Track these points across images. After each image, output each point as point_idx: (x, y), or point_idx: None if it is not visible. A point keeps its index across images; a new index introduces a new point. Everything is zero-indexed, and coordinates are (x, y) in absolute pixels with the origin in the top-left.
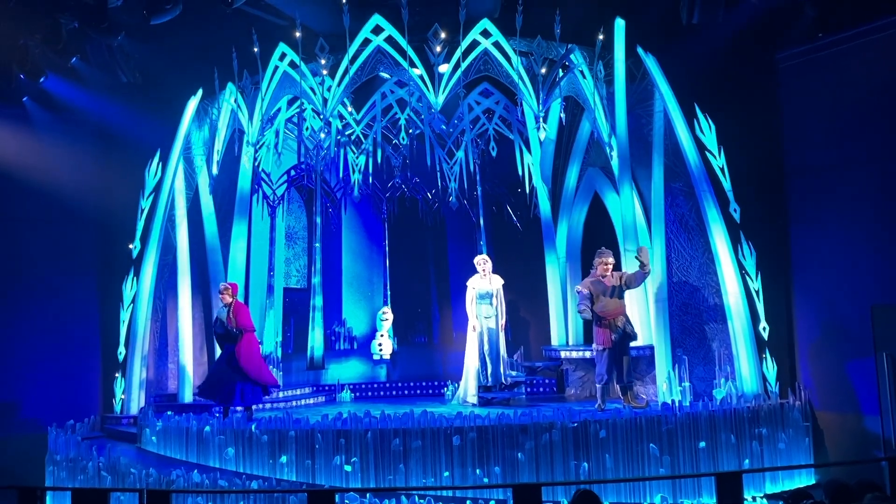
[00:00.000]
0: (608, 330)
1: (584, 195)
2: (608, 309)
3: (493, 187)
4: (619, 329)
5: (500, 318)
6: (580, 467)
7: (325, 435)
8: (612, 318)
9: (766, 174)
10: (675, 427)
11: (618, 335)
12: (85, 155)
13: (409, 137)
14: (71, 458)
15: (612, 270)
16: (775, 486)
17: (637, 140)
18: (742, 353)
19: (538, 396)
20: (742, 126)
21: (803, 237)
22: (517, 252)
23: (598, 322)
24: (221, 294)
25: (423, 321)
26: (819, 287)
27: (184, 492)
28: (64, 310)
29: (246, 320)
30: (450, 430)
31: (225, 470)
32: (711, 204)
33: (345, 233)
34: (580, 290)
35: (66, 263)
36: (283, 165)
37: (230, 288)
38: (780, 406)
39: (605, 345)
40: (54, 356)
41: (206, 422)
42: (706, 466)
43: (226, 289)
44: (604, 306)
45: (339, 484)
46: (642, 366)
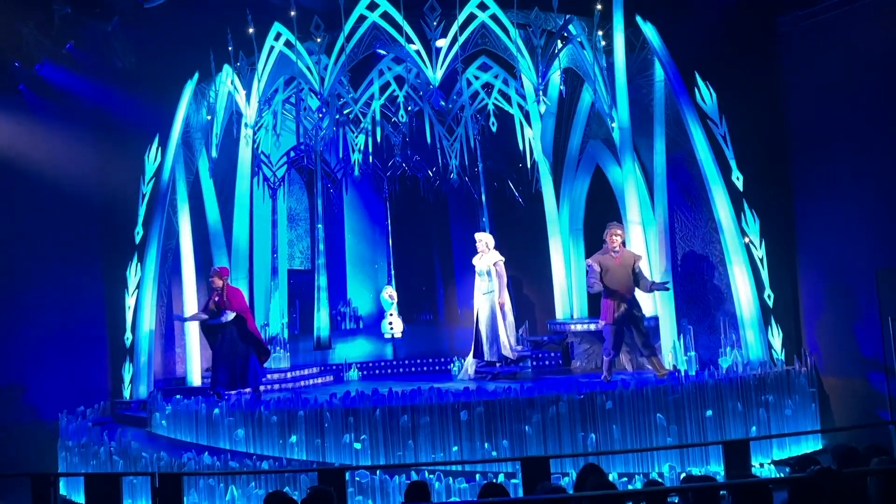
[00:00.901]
0: (613, 306)
1: (586, 168)
2: (616, 285)
3: (495, 163)
4: (624, 306)
5: (496, 294)
6: (587, 438)
7: (334, 413)
8: (620, 294)
9: (768, 141)
10: (681, 397)
11: (622, 312)
12: (84, 141)
13: (408, 115)
14: (82, 443)
15: (622, 245)
16: (782, 452)
17: (638, 110)
18: (747, 321)
19: (544, 370)
20: (744, 93)
21: (807, 203)
22: (520, 227)
23: (605, 295)
24: (212, 278)
25: (428, 299)
26: (823, 253)
27: (195, 474)
28: (69, 297)
29: (241, 303)
30: (457, 406)
31: (236, 451)
32: (714, 173)
33: (347, 213)
34: (590, 263)
35: (69, 251)
36: (283, 147)
37: (220, 271)
38: (786, 373)
39: (608, 320)
40: (62, 343)
41: (216, 404)
42: (713, 435)
43: (216, 273)
44: (612, 281)
45: (349, 461)
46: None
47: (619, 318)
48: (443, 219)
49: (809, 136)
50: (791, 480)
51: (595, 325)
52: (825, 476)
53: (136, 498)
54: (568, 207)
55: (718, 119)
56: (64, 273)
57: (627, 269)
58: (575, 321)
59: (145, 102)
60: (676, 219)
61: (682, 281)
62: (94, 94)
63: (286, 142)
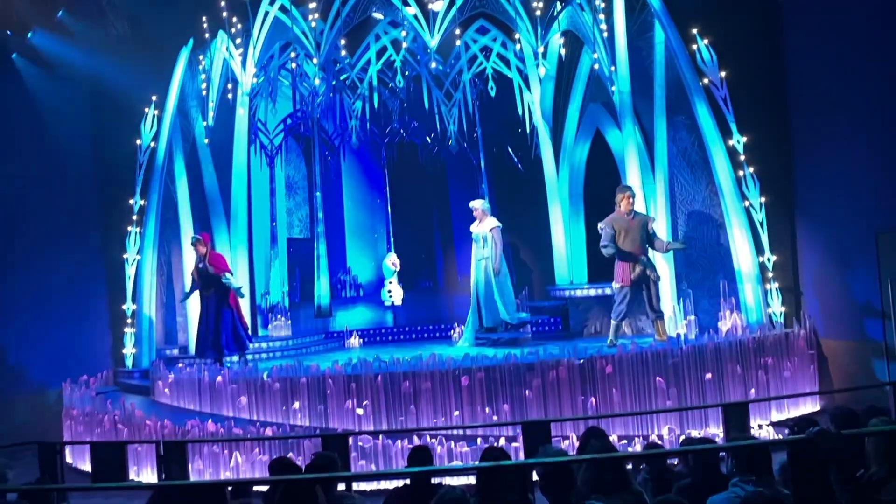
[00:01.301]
0: (629, 268)
1: (586, 132)
2: (631, 246)
3: (494, 128)
4: (639, 268)
5: (492, 261)
6: (587, 402)
7: (336, 380)
8: (635, 256)
9: (769, 103)
10: (680, 360)
11: (637, 274)
12: (79, 110)
13: (406, 80)
14: (87, 412)
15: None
16: (781, 413)
17: (638, 74)
18: (746, 284)
19: (544, 335)
20: (744, 55)
21: (807, 166)
22: (519, 193)
23: (620, 257)
24: (195, 246)
25: (428, 266)
26: (823, 216)
27: (200, 441)
28: (69, 267)
29: (224, 267)
30: (458, 371)
31: (239, 418)
32: (714, 136)
33: (345, 181)
34: (602, 226)
35: (67, 221)
36: (279, 114)
37: (202, 238)
38: (785, 335)
39: (623, 282)
40: (63, 313)
41: (218, 372)
42: (713, 397)
43: (198, 240)
44: (626, 243)
45: (351, 427)
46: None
47: (636, 280)
48: (442, 185)
49: (810, 99)
50: (790, 442)
51: (594, 290)
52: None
53: (142, 465)
54: (568, 172)
55: (719, 82)
56: (63, 243)
57: (641, 230)
58: (574, 286)
59: (140, 70)
60: (676, 182)
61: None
62: (87, 63)
63: (283, 109)
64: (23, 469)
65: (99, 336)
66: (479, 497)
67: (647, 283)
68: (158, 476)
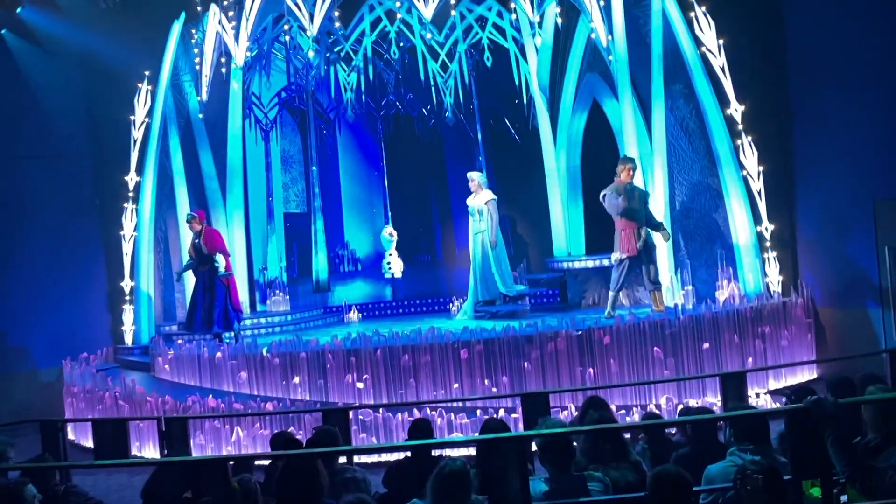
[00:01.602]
0: (633, 238)
1: (583, 102)
2: (634, 217)
3: (490, 100)
4: (643, 238)
5: (488, 234)
6: (585, 373)
7: (336, 355)
8: (638, 226)
9: (767, 71)
10: (678, 330)
11: (641, 244)
12: (72, 87)
13: (401, 51)
14: (87, 389)
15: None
16: (778, 382)
17: (635, 43)
18: (744, 254)
19: (542, 307)
20: (742, 22)
21: (806, 134)
22: (517, 165)
23: (624, 227)
24: (189, 223)
25: (426, 239)
26: (822, 184)
27: (202, 417)
28: (67, 245)
29: (220, 243)
30: (457, 344)
31: (239, 393)
32: (712, 105)
33: (341, 154)
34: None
35: (63, 199)
36: (274, 87)
37: (197, 216)
38: (783, 304)
39: (629, 252)
40: (62, 291)
41: (217, 348)
42: (710, 366)
43: (193, 217)
44: (630, 214)
45: (351, 401)
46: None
47: (640, 250)
48: (438, 158)
49: (809, 66)
50: (787, 411)
51: (592, 262)
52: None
53: (144, 441)
54: (565, 143)
55: (717, 49)
56: (60, 221)
57: (641, 204)
58: (572, 258)
59: (132, 45)
60: (674, 152)
61: (679, 216)
62: (78, 38)
63: (277, 82)
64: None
65: (98, 313)
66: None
67: (649, 255)
68: (160, 452)
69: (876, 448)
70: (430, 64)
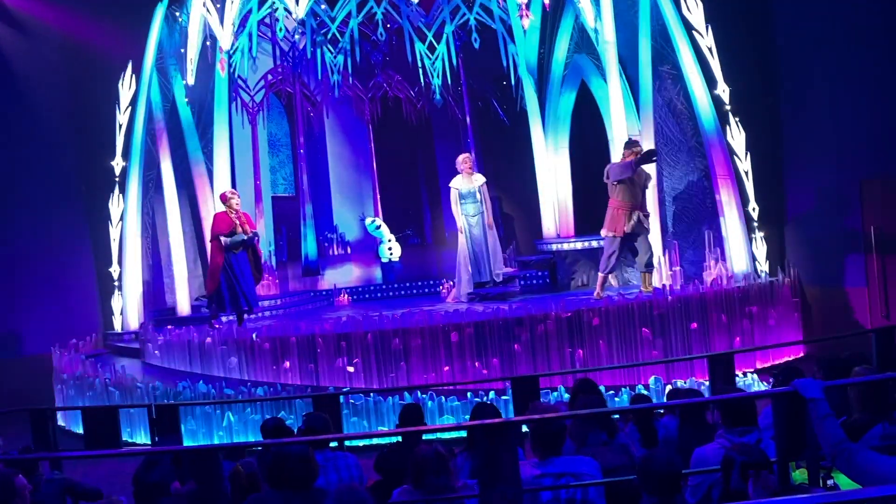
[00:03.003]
0: (624, 218)
1: (571, 83)
2: (631, 198)
3: (478, 82)
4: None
5: (485, 215)
6: (575, 354)
7: (326, 339)
8: (629, 211)
9: (755, 51)
10: (666, 311)
11: (632, 225)
12: (54, 72)
13: (387, 32)
14: (77, 375)
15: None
16: (765, 360)
17: (623, 23)
18: (732, 234)
19: (532, 289)
20: (730, 2)
21: (794, 114)
22: (505, 147)
23: (617, 206)
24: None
25: (415, 222)
26: (809, 164)
27: (192, 404)
28: (53, 232)
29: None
30: (447, 328)
31: (230, 378)
32: (700, 85)
33: (329, 138)
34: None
35: (49, 185)
36: (260, 70)
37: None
38: (770, 284)
39: (617, 232)
40: (50, 278)
41: (207, 333)
42: (698, 346)
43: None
44: (626, 197)
45: (342, 384)
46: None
47: (628, 231)
48: (427, 140)
49: (797, 46)
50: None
51: (581, 243)
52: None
53: (135, 427)
54: (553, 124)
55: (704, 30)
56: (46, 207)
57: (642, 186)
58: (561, 240)
59: (115, 28)
60: (661, 133)
61: (666, 197)
62: (60, 20)
63: (263, 65)
64: (15, 435)
65: (86, 299)
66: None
67: (640, 234)
68: (151, 439)
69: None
70: (417, 45)
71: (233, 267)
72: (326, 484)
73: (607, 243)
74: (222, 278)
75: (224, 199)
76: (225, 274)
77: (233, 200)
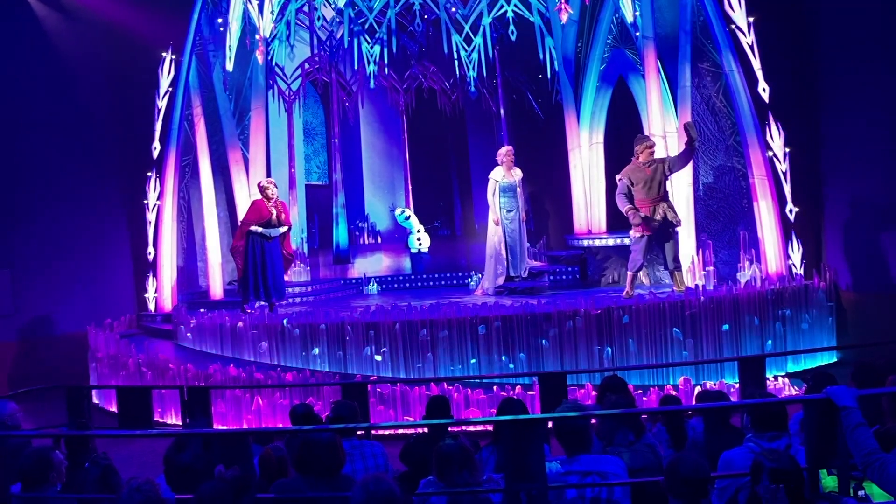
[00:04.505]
0: (650, 214)
1: (608, 79)
2: (650, 196)
3: (514, 74)
4: (659, 217)
5: (521, 209)
6: (604, 352)
7: (355, 327)
8: (653, 206)
9: (797, 49)
10: (698, 311)
11: (659, 222)
12: (97, 56)
13: (424, 23)
14: (111, 354)
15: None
16: (797, 365)
17: (663, 19)
18: (768, 235)
19: (561, 284)
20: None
21: (834, 114)
22: (539, 141)
23: (641, 203)
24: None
25: (446, 214)
26: (849, 166)
27: (223, 388)
28: (91, 213)
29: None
30: (475, 320)
31: (260, 363)
32: (739, 84)
33: (363, 127)
34: (621, 178)
35: (87, 168)
36: (297, 59)
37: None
38: (805, 287)
39: (644, 231)
40: (87, 258)
41: (239, 318)
42: (729, 348)
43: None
44: (649, 192)
45: (369, 373)
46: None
47: (658, 226)
48: (460, 132)
49: (839, 45)
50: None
51: (613, 240)
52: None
53: (167, 407)
54: (589, 120)
55: (746, 27)
56: (85, 189)
57: (660, 175)
58: (593, 236)
59: (158, 14)
60: (699, 131)
61: (702, 196)
62: (104, 6)
63: (301, 54)
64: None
65: (121, 280)
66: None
67: (668, 231)
68: (182, 420)
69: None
70: (453, 37)
71: (263, 255)
72: (353, 471)
73: (634, 241)
74: (250, 266)
75: (261, 188)
76: (253, 261)
77: (269, 190)
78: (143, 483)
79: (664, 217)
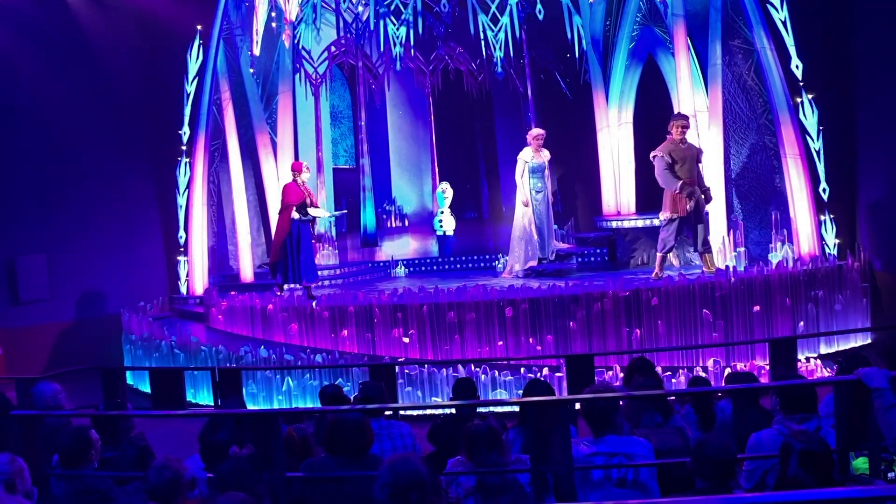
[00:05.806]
0: (684, 198)
1: (638, 57)
2: (686, 175)
3: (541, 54)
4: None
5: (549, 191)
6: (632, 334)
7: (383, 310)
8: (690, 186)
9: (831, 24)
10: (728, 293)
11: (692, 204)
12: (126, 42)
13: (450, 4)
14: (145, 336)
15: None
16: (829, 346)
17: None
18: (801, 215)
19: (589, 266)
20: None
21: (870, 93)
22: (566, 121)
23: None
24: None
25: (473, 196)
26: (884, 145)
27: (253, 369)
28: (123, 197)
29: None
30: (502, 303)
31: (290, 345)
32: (771, 61)
33: (389, 110)
34: (658, 155)
35: (119, 153)
36: (323, 42)
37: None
38: (838, 268)
39: (679, 213)
40: (119, 242)
41: (269, 300)
42: (760, 329)
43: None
44: (682, 172)
45: (397, 354)
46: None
47: (689, 211)
48: (487, 114)
49: (875, 20)
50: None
51: (642, 221)
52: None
53: (198, 388)
54: (617, 99)
55: (779, 2)
56: (117, 172)
57: (694, 161)
58: (621, 217)
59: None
60: (730, 110)
61: (733, 176)
62: None
63: (327, 37)
64: (87, 390)
65: (154, 264)
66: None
67: (700, 216)
68: (214, 400)
69: None
70: (480, 17)
71: (299, 238)
72: (381, 451)
73: (664, 222)
74: (288, 249)
75: (298, 168)
76: (290, 244)
77: (305, 174)
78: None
79: (697, 203)
